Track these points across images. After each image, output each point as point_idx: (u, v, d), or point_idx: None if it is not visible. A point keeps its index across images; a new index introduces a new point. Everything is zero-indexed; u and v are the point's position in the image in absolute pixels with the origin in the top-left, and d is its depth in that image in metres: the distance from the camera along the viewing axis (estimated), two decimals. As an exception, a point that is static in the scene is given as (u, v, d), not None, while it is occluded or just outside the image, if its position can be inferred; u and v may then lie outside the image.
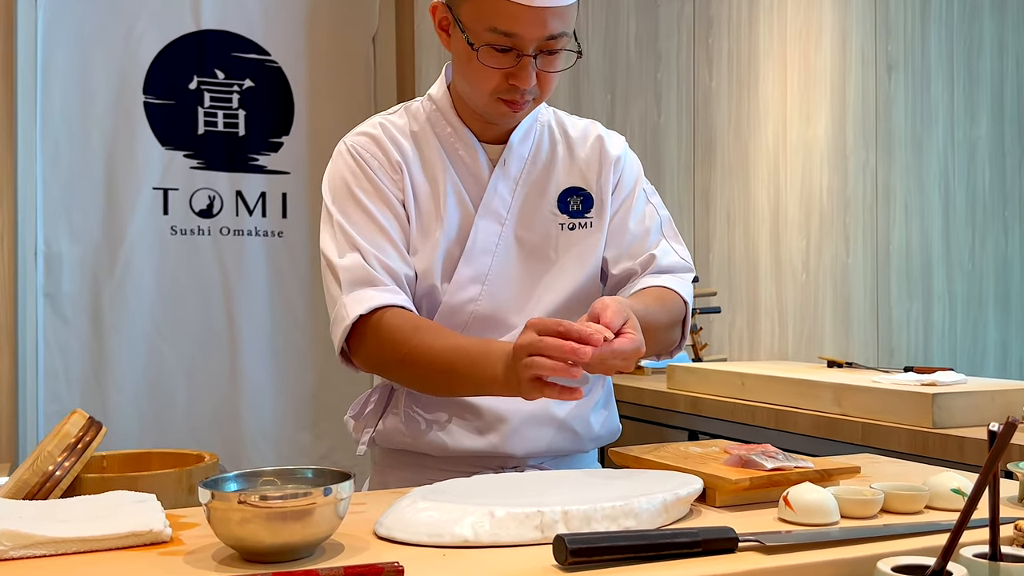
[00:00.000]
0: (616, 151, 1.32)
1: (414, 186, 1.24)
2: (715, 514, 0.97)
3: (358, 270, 1.18)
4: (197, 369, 3.06)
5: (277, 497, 0.78)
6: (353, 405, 1.30)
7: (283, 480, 0.87)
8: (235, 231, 3.13)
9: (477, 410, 1.22)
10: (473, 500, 0.88)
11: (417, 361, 1.13)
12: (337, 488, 0.81)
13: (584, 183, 1.30)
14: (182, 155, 3.07)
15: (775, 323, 3.13)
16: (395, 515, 0.88)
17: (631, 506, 0.88)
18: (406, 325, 1.15)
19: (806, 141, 3.05)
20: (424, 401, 1.24)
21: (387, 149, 1.25)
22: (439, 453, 1.23)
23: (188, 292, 3.06)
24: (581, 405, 1.28)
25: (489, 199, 1.25)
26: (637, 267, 1.29)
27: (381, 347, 1.15)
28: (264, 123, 3.18)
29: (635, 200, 1.32)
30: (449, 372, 1.11)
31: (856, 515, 0.94)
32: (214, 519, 0.80)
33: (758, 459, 1.03)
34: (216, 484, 0.84)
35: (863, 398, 1.93)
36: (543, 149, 1.29)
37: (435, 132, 1.26)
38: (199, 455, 1.11)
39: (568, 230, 1.28)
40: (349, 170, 1.24)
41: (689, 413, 2.43)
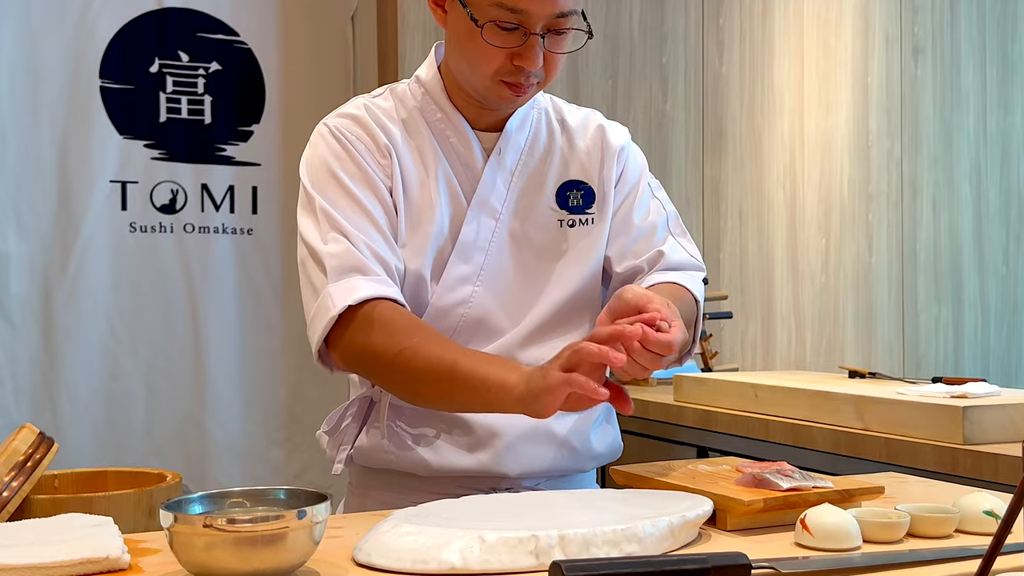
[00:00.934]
0: (619, 141, 1.32)
1: (403, 174, 1.23)
2: (726, 538, 0.97)
3: (346, 256, 1.15)
4: (158, 379, 3.05)
5: (246, 520, 0.78)
6: (328, 419, 1.29)
7: (253, 501, 0.87)
8: (200, 228, 3.12)
9: (467, 425, 1.22)
10: (461, 523, 0.88)
11: (410, 362, 1.10)
12: (312, 510, 0.81)
13: (585, 176, 1.30)
14: (142, 145, 3.07)
15: (791, 329, 3.14)
16: (375, 540, 0.87)
17: (634, 530, 0.88)
18: (405, 322, 1.13)
19: (825, 131, 3.06)
20: (408, 414, 1.23)
21: (373, 132, 1.24)
22: (424, 472, 1.22)
23: (148, 295, 3.05)
24: (581, 420, 1.27)
25: (483, 191, 1.25)
26: (644, 264, 1.29)
27: (371, 341, 1.12)
28: (232, 110, 3.17)
29: (640, 194, 1.32)
30: (449, 378, 1.09)
31: (880, 539, 0.94)
32: (177, 544, 0.79)
33: (773, 478, 1.03)
34: (179, 506, 0.83)
35: (887, 411, 1.93)
36: (541, 138, 1.29)
37: (424, 117, 1.26)
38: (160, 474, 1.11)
39: (568, 227, 1.28)
40: (332, 152, 1.23)
41: (698, 428, 2.43)
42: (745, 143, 3.28)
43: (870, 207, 3.01)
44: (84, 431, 2.97)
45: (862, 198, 3.02)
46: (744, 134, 3.28)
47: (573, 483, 1.28)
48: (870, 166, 3.00)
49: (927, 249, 3.07)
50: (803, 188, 3.11)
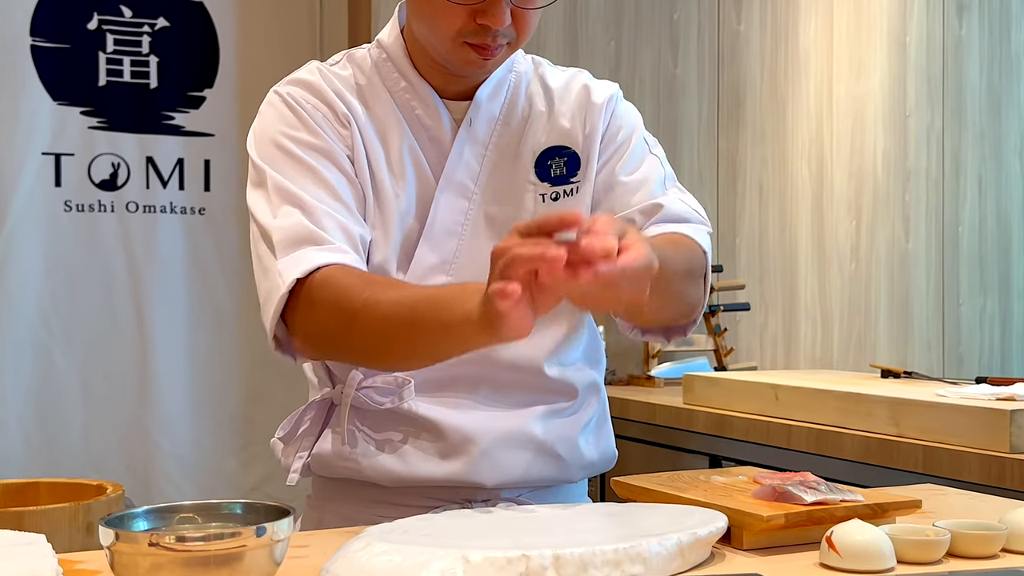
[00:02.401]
0: (602, 97, 1.31)
1: (365, 146, 1.23)
2: (742, 558, 0.97)
3: (296, 228, 1.15)
4: (97, 379, 3.04)
5: (198, 538, 0.78)
6: (283, 424, 1.29)
7: (205, 517, 0.87)
8: (145, 207, 3.11)
9: (438, 429, 1.22)
10: (442, 541, 0.88)
11: (370, 317, 1.09)
12: (273, 527, 0.81)
13: (567, 140, 1.29)
14: (78, 112, 3.05)
15: (817, 323, 3.15)
16: (345, 561, 0.88)
17: (638, 549, 0.88)
18: (356, 280, 1.13)
19: (857, 98, 3.06)
20: (372, 417, 1.24)
21: (330, 99, 1.24)
22: (389, 482, 1.23)
23: (86, 284, 3.04)
24: (568, 424, 1.28)
25: (453, 168, 1.25)
26: (636, 215, 1.26)
27: (325, 311, 1.12)
28: (182, 73, 3.15)
29: (631, 148, 1.31)
30: (410, 320, 1.07)
31: (916, 560, 0.95)
32: (119, 565, 0.79)
33: (795, 491, 1.03)
34: (121, 522, 0.83)
35: (925, 416, 1.94)
36: (518, 106, 1.29)
37: (386, 86, 1.26)
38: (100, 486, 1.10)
39: (551, 200, 1.27)
40: (283, 121, 1.23)
41: (710, 434, 2.44)
42: (766, 112, 3.28)
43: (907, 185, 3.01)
44: (12, 437, 2.96)
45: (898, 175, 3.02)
46: (765, 102, 3.28)
47: (560, 495, 1.29)
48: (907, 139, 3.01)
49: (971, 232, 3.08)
50: (831, 163, 3.11)
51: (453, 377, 1.22)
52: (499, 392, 1.25)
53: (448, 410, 1.23)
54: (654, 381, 3.01)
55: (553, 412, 1.27)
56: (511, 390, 1.25)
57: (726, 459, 2.39)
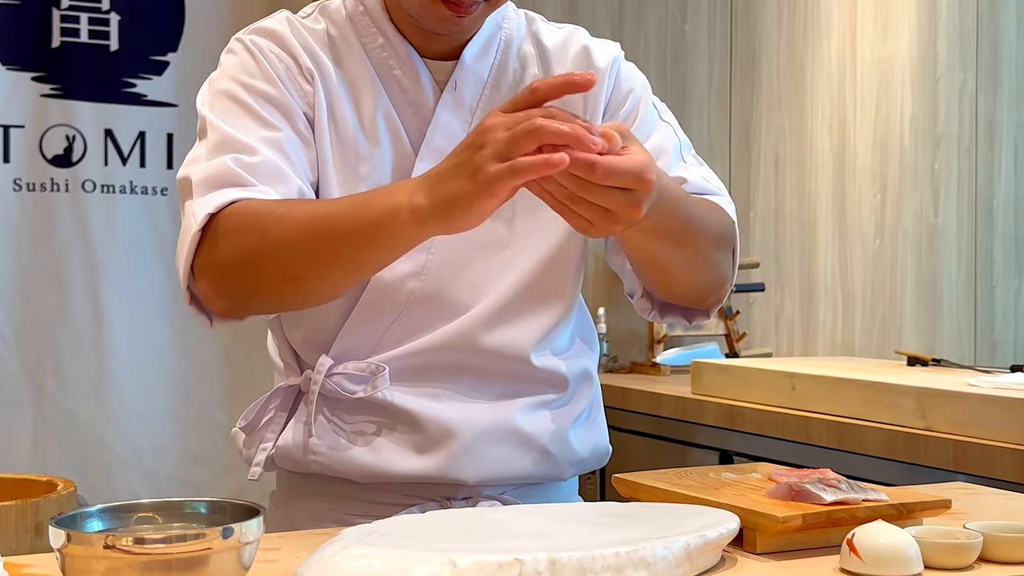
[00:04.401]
0: (605, 60, 1.30)
1: (332, 108, 1.22)
2: (756, 563, 0.98)
3: (219, 167, 1.13)
4: (48, 380, 3.02)
5: (158, 540, 0.78)
6: (245, 413, 1.29)
7: (166, 517, 0.87)
8: (104, 186, 3.09)
9: (416, 421, 1.22)
10: (427, 543, 0.88)
11: (281, 231, 1.07)
12: (241, 528, 0.80)
13: (565, 106, 1.25)
14: (29, 78, 3.03)
15: (837, 305, 3.15)
16: (321, 565, 0.87)
17: (642, 552, 0.88)
18: (269, 202, 1.11)
19: (883, 59, 3.06)
20: (344, 406, 1.23)
21: (295, 51, 1.23)
22: (361, 478, 1.22)
23: (37, 271, 3.02)
24: (558, 418, 1.27)
25: (435, 135, 1.23)
26: None
27: (231, 238, 1.09)
28: (145, 34, 3.13)
29: (640, 117, 1.30)
30: (329, 226, 1.06)
31: (946, 565, 0.95)
32: (71, 570, 0.79)
33: (814, 489, 1.03)
34: (73, 522, 0.83)
35: (955, 407, 1.95)
36: (509, 67, 1.28)
37: (362, 42, 1.25)
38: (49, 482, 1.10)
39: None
40: (242, 68, 1.21)
41: (721, 427, 2.44)
42: (783, 74, 3.27)
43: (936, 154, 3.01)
44: (-47, 443, 2.95)
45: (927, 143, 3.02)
46: (782, 63, 3.27)
47: (547, 493, 1.29)
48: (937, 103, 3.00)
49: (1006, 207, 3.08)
50: (854, 130, 3.11)
51: (432, 365, 1.22)
52: (482, 382, 1.24)
53: (427, 400, 1.22)
54: (659, 369, 3.01)
55: (541, 404, 1.26)
56: (495, 380, 1.24)
57: (738, 455, 2.40)
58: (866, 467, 2.04)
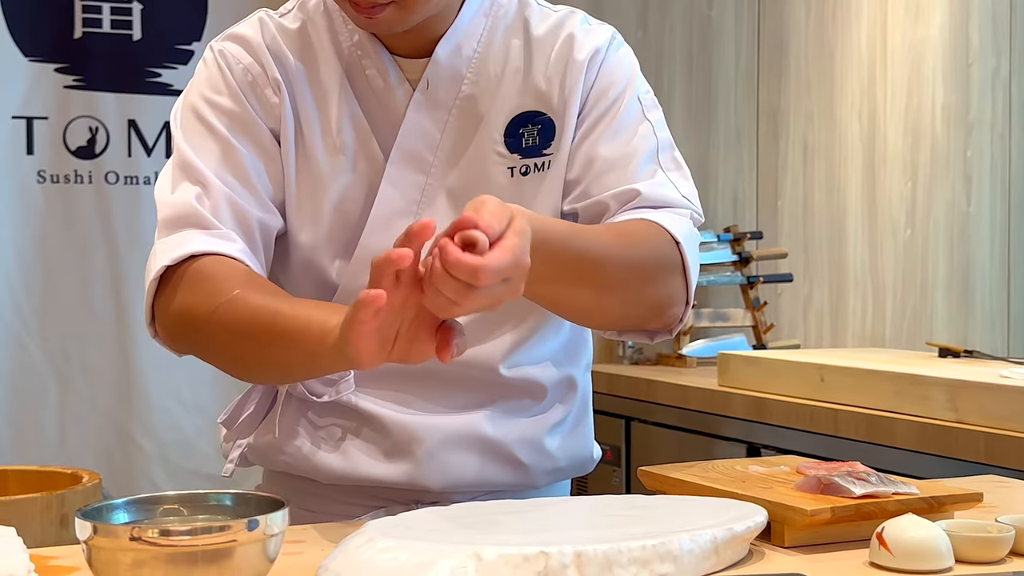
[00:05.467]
0: (585, 52, 1.23)
1: (298, 117, 1.21)
2: (783, 556, 0.98)
3: (184, 207, 1.16)
4: (74, 373, 3.04)
5: (184, 532, 0.79)
6: (228, 408, 1.30)
7: (192, 509, 0.88)
8: (127, 178, 3.11)
9: (382, 425, 1.22)
10: (452, 536, 0.89)
11: (230, 317, 1.09)
12: (266, 520, 0.81)
13: (543, 104, 1.23)
14: (52, 69, 3.04)
15: (867, 296, 3.14)
16: (346, 557, 0.88)
17: (668, 546, 0.88)
18: (230, 272, 1.12)
19: (914, 44, 3.04)
20: (313, 408, 1.24)
21: (264, 59, 1.22)
22: (328, 480, 1.23)
23: (61, 263, 3.04)
24: (531, 426, 1.26)
25: (407, 138, 1.20)
26: (610, 201, 1.21)
27: (185, 301, 1.12)
28: (168, 23, 3.14)
29: (619, 117, 1.24)
30: (266, 326, 1.07)
31: (977, 559, 0.95)
32: (97, 561, 0.80)
33: (843, 482, 1.03)
34: (99, 514, 0.84)
35: (987, 399, 1.94)
36: (490, 61, 1.23)
37: (336, 41, 1.22)
38: (75, 474, 1.12)
39: (520, 175, 1.22)
40: (208, 83, 1.22)
41: (748, 420, 2.44)
42: (812, 60, 3.25)
43: (969, 141, 2.99)
44: (-20, 436, 2.97)
45: (959, 129, 3.00)
46: (811, 48, 3.25)
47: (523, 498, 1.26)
48: (970, 89, 2.98)
49: (1041, 195, 3.05)
50: (884, 117, 3.09)
51: (400, 371, 1.19)
52: (449, 389, 1.23)
53: (393, 406, 1.22)
54: (685, 361, 3.01)
55: (512, 411, 1.25)
56: (462, 388, 1.24)
57: (765, 447, 2.39)
58: (896, 460, 2.03)
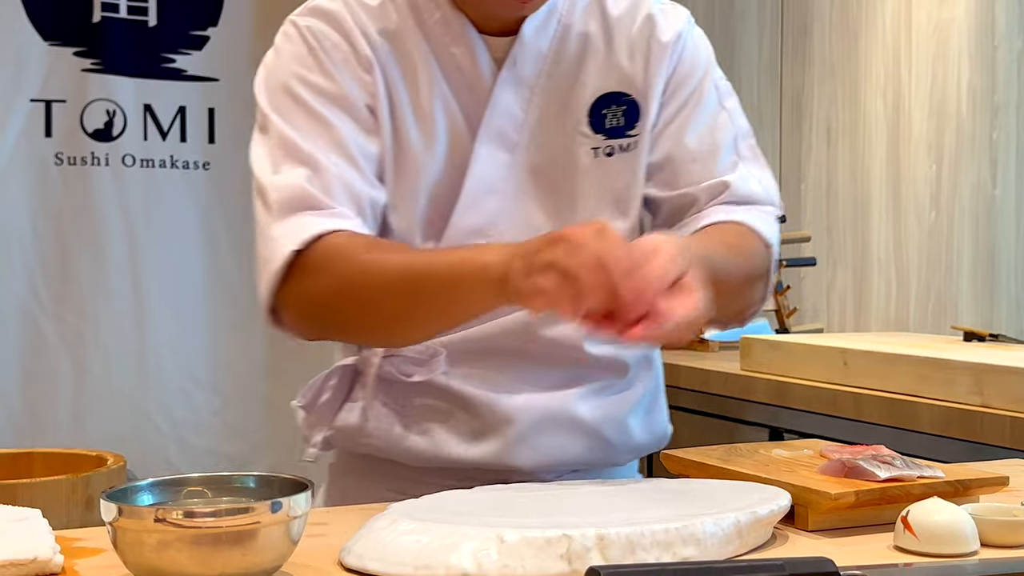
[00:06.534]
0: (669, 34, 1.26)
1: (391, 95, 1.21)
2: (808, 540, 0.98)
3: (296, 190, 1.14)
4: (89, 353, 3.06)
5: (208, 514, 0.79)
6: (304, 390, 1.29)
7: (216, 491, 0.88)
8: (143, 161, 3.12)
9: (473, 407, 1.22)
10: (475, 519, 0.89)
11: (370, 278, 1.10)
12: (289, 502, 0.82)
13: (626, 85, 1.25)
14: (71, 53, 3.06)
15: (892, 280, 3.12)
16: (369, 539, 0.89)
17: (691, 529, 0.89)
18: (358, 244, 1.13)
19: (939, 25, 3.01)
20: (400, 389, 1.23)
21: (352, 36, 1.21)
22: (414, 462, 1.23)
23: (78, 244, 3.06)
24: (617, 404, 1.27)
25: (494, 117, 1.21)
26: (700, 194, 1.25)
27: (319, 280, 1.12)
28: (184, 9, 3.15)
29: (701, 100, 1.28)
30: (415, 279, 1.09)
31: (1003, 542, 0.95)
32: (122, 543, 0.81)
33: (867, 466, 1.03)
34: (124, 495, 0.84)
35: (1013, 383, 1.93)
36: (570, 41, 1.24)
37: (419, 19, 1.22)
38: (100, 456, 1.12)
39: (604, 156, 1.24)
40: (296, 60, 1.20)
41: (771, 404, 2.43)
42: (835, 42, 3.23)
43: (995, 123, 2.97)
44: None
45: (985, 111, 2.98)
46: (834, 30, 3.24)
47: (603, 477, 1.28)
48: (996, 70, 2.96)
49: (1068, 178, 3.03)
50: (909, 99, 3.07)
51: (490, 349, 1.21)
52: (540, 368, 1.24)
53: (484, 386, 1.22)
54: (708, 345, 3.00)
55: (600, 390, 1.26)
56: (550, 366, 1.24)
57: (788, 431, 2.39)
58: (920, 445, 2.03)
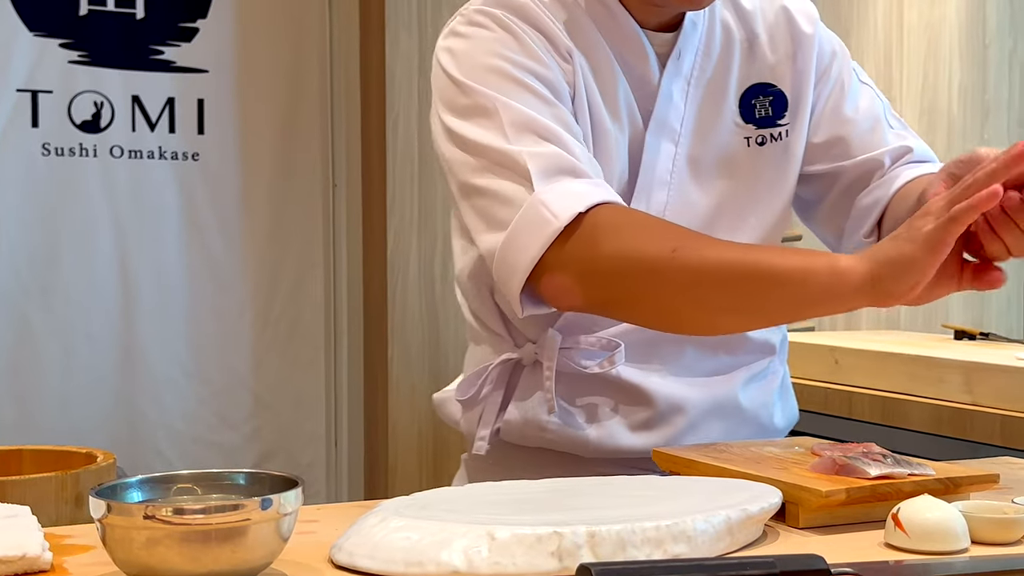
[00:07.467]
0: (809, 24, 1.30)
1: (587, 85, 1.21)
2: (798, 537, 0.98)
3: (554, 157, 1.11)
4: (78, 343, 3.05)
5: (197, 511, 0.79)
6: (461, 386, 1.29)
7: (205, 488, 0.88)
8: (131, 152, 3.12)
9: (647, 397, 1.23)
10: (466, 516, 0.89)
11: (693, 263, 1.05)
12: (279, 499, 0.82)
13: (773, 76, 1.29)
14: (57, 44, 3.05)
15: (883, 279, 3.13)
16: (359, 536, 0.89)
17: (682, 526, 0.89)
18: (654, 225, 1.11)
19: (931, 24, 3.02)
20: (580, 383, 1.24)
21: (547, 27, 1.20)
22: (590, 454, 1.24)
23: (66, 235, 3.05)
24: (766, 388, 1.30)
25: (662, 109, 1.24)
26: (885, 158, 1.28)
27: (616, 253, 1.07)
28: (173, 1, 3.15)
29: (849, 82, 1.31)
30: (751, 273, 1.05)
31: (993, 540, 0.95)
32: (111, 540, 0.80)
33: (858, 464, 1.03)
34: (114, 492, 0.84)
35: (1003, 382, 1.93)
36: (716, 33, 1.28)
37: (588, 10, 1.23)
38: (89, 453, 1.12)
39: (756, 145, 1.27)
40: (501, 44, 1.17)
41: (762, 403, 2.44)
42: (826, 41, 3.24)
43: (986, 122, 2.98)
44: (-15, 404, 2.99)
45: (975, 110, 2.98)
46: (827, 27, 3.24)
47: None
48: (987, 69, 2.97)
49: (1058, 177, 3.04)
50: (900, 97, 3.08)
51: (658, 338, 1.22)
52: (704, 354, 1.26)
53: (655, 376, 1.24)
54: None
55: (754, 375, 1.29)
56: (716, 351, 1.26)
57: (779, 430, 2.40)
58: (911, 443, 2.03)
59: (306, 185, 3.24)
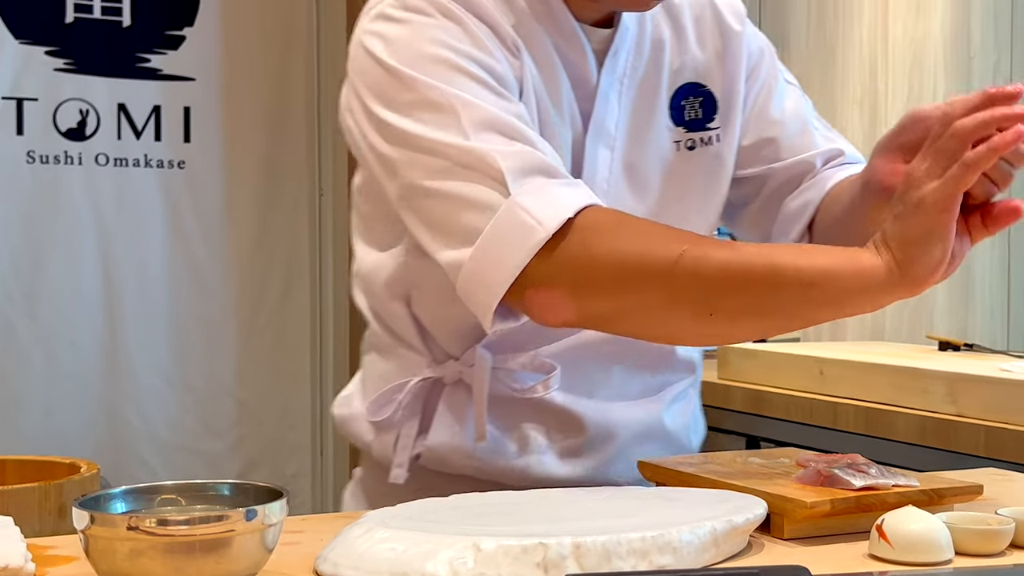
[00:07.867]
0: (737, 22, 1.25)
1: (532, 82, 1.12)
2: (783, 548, 0.98)
3: (527, 156, 1.01)
4: (62, 351, 3.05)
5: (181, 522, 0.79)
6: (372, 405, 1.21)
7: (190, 499, 0.88)
8: (117, 160, 3.12)
9: (578, 423, 1.18)
10: (451, 527, 0.89)
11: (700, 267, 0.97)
12: (264, 510, 0.81)
13: (702, 76, 1.22)
14: (43, 52, 3.05)
15: (868, 290, 3.14)
16: (344, 547, 0.88)
17: (668, 537, 0.89)
18: (648, 228, 1.03)
19: (916, 39, 3.04)
20: (511, 407, 1.16)
21: (492, 17, 1.10)
22: (515, 482, 1.16)
23: (50, 244, 3.05)
24: (686, 408, 1.27)
25: (601, 111, 1.17)
26: (816, 160, 1.24)
27: (614, 262, 0.98)
28: (158, 10, 3.15)
29: (776, 82, 1.27)
30: (771, 275, 0.97)
31: (977, 551, 0.95)
32: (94, 551, 0.80)
33: (842, 475, 1.03)
34: (97, 503, 0.84)
35: (987, 393, 1.94)
36: (647, 28, 1.20)
37: (530, 6, 1.14)
38: (73, 464, 1.12)
39: (687, 150, 1.21)
40: (445, 31, 1.06)
41: (748, 412, 2.44)
42: (813, 55, 3.25)
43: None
44: (-32, 416, 2.98)
45: (960, 124, 3.00)
46: (812, 43, 3.25)
47: None
48: (971, 83, 2.98)
49: (1041, 189, 3.05)
50: (886, 111, 3.09)
51: (589, 357, 1.17)
52: (631, 374, 1.21)
53: (587, 400, 1.18)
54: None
55: (677, 395, 1.26)
56: (642, 370, 1.22)
57: (765, 440, 2.40)
58: (896, 453, 2.03)
59: (293, 193, 3.25)
